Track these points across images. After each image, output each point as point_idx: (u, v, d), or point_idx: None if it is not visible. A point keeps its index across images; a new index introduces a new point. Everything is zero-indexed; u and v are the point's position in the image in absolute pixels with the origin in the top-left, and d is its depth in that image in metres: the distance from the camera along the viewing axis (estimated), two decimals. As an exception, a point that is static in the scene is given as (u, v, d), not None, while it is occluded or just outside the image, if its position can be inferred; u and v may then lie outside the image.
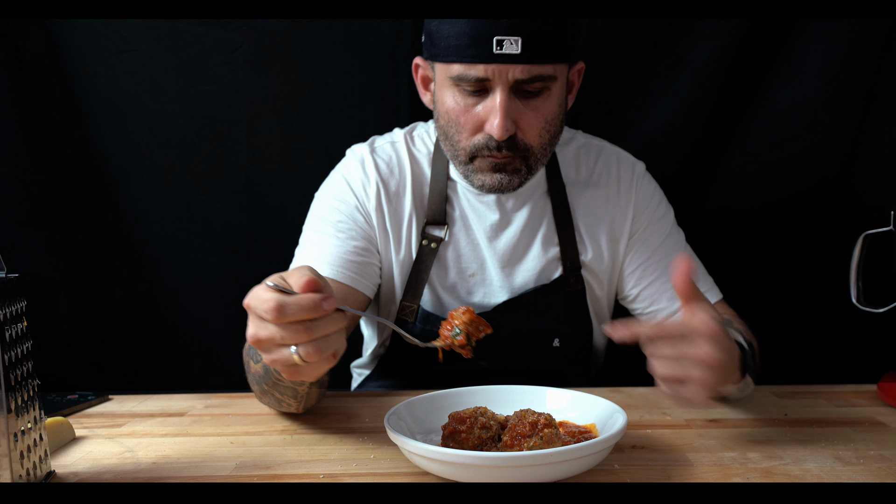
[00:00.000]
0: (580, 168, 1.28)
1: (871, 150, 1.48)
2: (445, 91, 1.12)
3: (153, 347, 1.60)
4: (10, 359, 0.77)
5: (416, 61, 1.20)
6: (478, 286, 1.25)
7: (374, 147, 1.26)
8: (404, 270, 1.24)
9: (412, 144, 1.27)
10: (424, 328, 1.24)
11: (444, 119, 1.14)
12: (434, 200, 1.23)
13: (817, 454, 0.89)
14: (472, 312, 0.90)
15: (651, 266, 1.26)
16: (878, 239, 1.17)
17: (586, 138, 1.32)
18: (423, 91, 1.22)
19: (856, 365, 1.49)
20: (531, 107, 1.09)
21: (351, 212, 1.22)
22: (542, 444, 0.80)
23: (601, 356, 1.41)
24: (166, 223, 1.57)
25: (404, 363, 1.31)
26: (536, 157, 1.14)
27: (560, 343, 1.27)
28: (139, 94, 1.50)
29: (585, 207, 1.26)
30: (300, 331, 0.73)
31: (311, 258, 1.18)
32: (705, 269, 1.29)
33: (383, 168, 1.23)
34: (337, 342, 0.76)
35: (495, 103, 1.06)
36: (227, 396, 1.22)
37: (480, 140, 1.11)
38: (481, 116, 1.09)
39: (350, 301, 1.20)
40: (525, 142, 1.11)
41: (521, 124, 1.09)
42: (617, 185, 1.27)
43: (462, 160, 1.14)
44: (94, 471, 0.89)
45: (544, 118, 1.10)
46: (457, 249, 1.24)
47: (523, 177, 1.15)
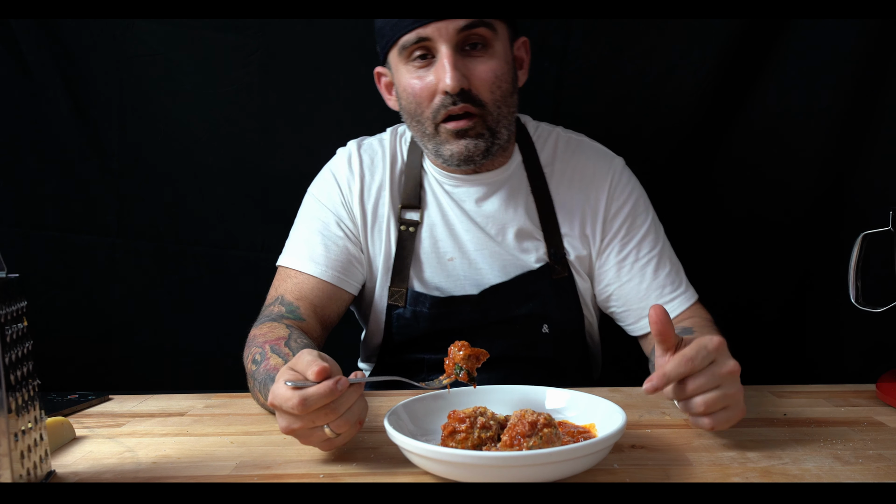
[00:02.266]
0: (556, 161, 1.30)
1: (871, 150, 1.48)
2: (401, 75, 1.19)
3: (153, 347, 1.60)
4: (11, 359, 0.77)
5: (377, 70, 1.28)
6: (458, 270, 1.29)
7: (362, 143, 1.34)
8: (388, 258, 1.29)
9: (398, 140, 1.33)
10: (415, 309, 1.28)
11: (406, 99, 1.20)
12: (409, 186, 1.29)
13: (816, 454, 0.89)
14: (467, 346, 0.95)
15: (626, 267, 1.28)
16: (876, 239, 1.17)
17: (566, 133, 1.34)
18: (388, 96, 1.29)
19: (855, 365, 1.50)
20: (477, 62, 1.15)
21: (337, 209, 1.29)
22: (542, 443, 0.80)
23: (598, 352, 1.42)
24: (166, 222, 1.57)
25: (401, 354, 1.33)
26: (494, 117, 1.18)
27: (549, 329, 1.29)
28: (153, 96, 1.50)
29: (561, 195, 1.29)
30: (327, 413, 0.83)
31: (299, 256, 1.26)
32: (683, 269, 1.30)
33: (367, 162, 1.31)
34: (359, 410, 0.87)
35: (442, 60, 1.13)
36: (227, 396, 1.22)
37: (437, 102, 1.16)
38: (434, 82, 1.15)
39: (335, 299, 1.27)
40: (478, 96, 1.16)
41: (472, 79, 1.15)
42: (592, 181, 1.29)
43: (429, 133, 1.19)
44: (95, 471, 0.89)
45: (493, 72, 1.16)
46: (433, 234, 1.29)
47: (488, 141, 1.19)
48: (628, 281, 1.27)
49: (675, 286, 1.27)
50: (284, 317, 1.19)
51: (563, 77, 1.51)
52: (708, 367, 0.87)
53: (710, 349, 0.87)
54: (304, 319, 1.20)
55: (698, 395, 0.88)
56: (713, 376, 0.87)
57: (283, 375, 0.85)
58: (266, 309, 1.23)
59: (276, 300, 1.23)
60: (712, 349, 0.87)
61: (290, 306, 1.22)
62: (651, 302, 1.25)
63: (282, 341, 1.07)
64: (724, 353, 0.89)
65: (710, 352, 0.87)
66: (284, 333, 1.10)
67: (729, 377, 0.88)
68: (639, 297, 1.27)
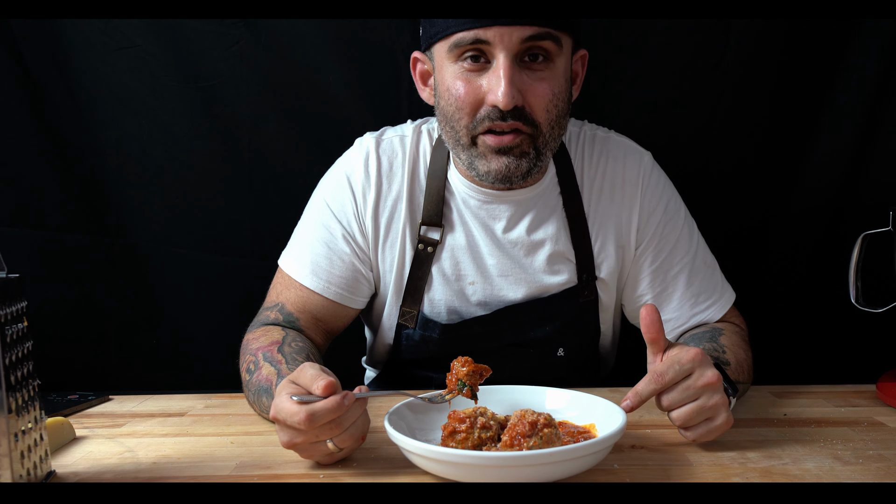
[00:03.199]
0: (587, 166, 1.21)
1: (872, 151, 1.48)
2: (445, 70, 1.07)
3: (153, 347, 1.60)
4: (11, 359, 0.77)
5: (415, 55, 1.16)
6: (478, 295, 1.20)
7: (381, 141, 1.21)
8: (401, 277, 1.20)
9: (420, 140, 1.21)
10: (424, 333, 1.22)
11: (445, 99, 1.08)
12: (431, 200, 1.18)
13: (816, 454, 0.89)
14: (471, 362, 0.94)
15: (660, 277, 1.21)
16: (876, 239, 1.17)
17: (592, 129, 1.25)
18: (422, 87, 1.17)
19: (855, 365, 1.49)
20: (536, 77, 1.04)
21: (349, 221, 1.19)
22: (542, 444, 0.80)
23: (610, 361, 1.38)
24: (167, 221, 1.56)
25: (408, 370, 1.30)
26: (545, 138, 1.07)
27: (564, 353, 1.24)
28: (139, 91, 1.50)
29: (595, 208, 1.20)
30: (332, 428, 0.82)
31: (302, 266, 1.18)
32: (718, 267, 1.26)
33: (385, 168, 1.19)
34: (362, 425, 0.86)
35: (498, 70, 1.01)
36: (227, 396, 1.22)
37: (483, 113, 1.05)
38: (484, 89, 1.04)
39: (340, 315, 1.21)
40: (532, 115, 1.04)
41: (527, 96, 1.03)
42: (622, 185, 1.21)
43: (464, 143, 1.08)
44: (95, 471, 0.89)
45: (551, 90, 1.04)
46: (455, 256, 1.19)
47: (531, 161, 1.08)
48: (662, 291, 1.21)
49: (709, 293, 1.21)
50: (280, 324, 1.17)
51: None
52: (682, 381, 0.87)
53: (682, 362, 0.87)
54: (302, 330, 1.17)
55: (673, 409, 0.88)
56: (687, 390, 0.87)
57: (286, 389, 0.83)
58: (262, 312, 1.20)
59: (276, 307, 1.19)
60: (686, 362, 0.87)
61: (289, 317, 1.17)
62: (685, 312, 1.20)
63: (275, 347, 1.06)
64: (703, 364, 0.87)
65: (682, 365, 0.86)
66: (278, 337, 1.09)
67: (707, 388, 0.86)
68: (672, 308, 1.21)
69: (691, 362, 0.87)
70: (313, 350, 1.12)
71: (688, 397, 0.87)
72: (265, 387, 1.01)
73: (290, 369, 0.98)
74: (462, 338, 1.20)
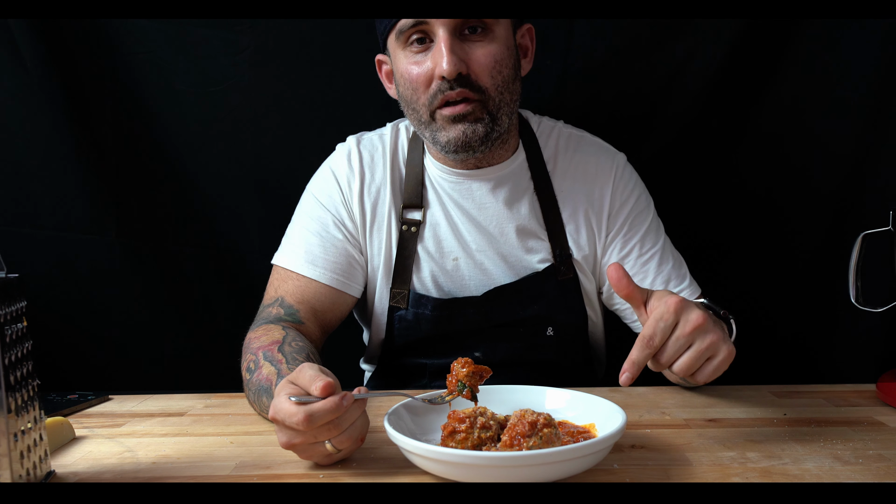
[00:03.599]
0: (559, 157, 1.29)
1: (872, 151, 1.48)
2: (399, 60, 1.16)
3: (153, 347, 1.60)
4: (11, 359, 0.77)
5: (378, 58, 1.26)
6: (462, 271, 1.26)
7: (361, 139, 1.31)
8: (389, 258, 1.26)
9: (398, 134, 1.31)
10: (416, 311, 1.26)
11: (403, 85, 1.17)
12: (410, 184, 1.27)
13: (816, 454, 0.89)
14: (471, 364, 0.94)
15: (629, 263, 1.26)
16: (876, 239, 1.17)
17: (567, 128, 1.32)
18: (389, 85, 1.26)
19: (855, 365, 1.50)
20: (477, 46, 1.12)
21: (337, 209, 1.26)
22: (542, 443, 0.80)
23: (602, 351, 1.41)
24: (170, 221, 1.57)
25: (402, 358, 1.32)
26: (495, 102, 1.14)
27: (553, 332, 1.28)
28: (147, 94, 1.50)
29: (566, 193, 1.27)
30: (330, 429, 0.82)
31: (297, 258, 1.24)
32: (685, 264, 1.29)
33: (367, 159, 1.28)
34: (361, 426, 0.86)
35: (440, 44, 1.10)
36: (227, 396, 1.22)
37: (434, 87, 1.13)
38: (431, 66, 1.12)
39: (338, 303, 1.25)
40: (478, 82, 1.12)
41: (470, 64, 1.11)
42: (595, 174, 1.27)
43: (425, 120, 1.16)
44: (94, 471, 0.89)
45: (493, 56, 1.12)
46: (436, 234, 1.26)
47: (487, 126, 1.15)
48: (633, 276, 1.24)
49: (679, 280, 1.26)
50: (282, 319, 1.18)
51: (567, 73, 1.50)
52: (672, 334, 0.85)
53: (665, 318, 0.85)
54: (302, 323, 1.19)
55: (673, 363, 0.86)
56: (678, 340, 0.85)
57: (284, 389, 0.84)
58: (264, 310, 1.22)
59: (276, 301, 1.22)
60: (668, 315, 0.85)
61: (289, 309, 1.20)
62: None
63: (275, 346, 1.06)
64: (685, 310, 0.85)
65: (666, 321, 0.85)
66: (279, 336, 1.09)
67: (697, 331, 0.85)
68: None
69: (674, 314, 0.85)
70: (313, 350, 1.12)
71: (681, 347, 0.85)
72: (265, 386, 1.01)
73: (290, 369, 0.99)
74: (453, 316, 1.25)
